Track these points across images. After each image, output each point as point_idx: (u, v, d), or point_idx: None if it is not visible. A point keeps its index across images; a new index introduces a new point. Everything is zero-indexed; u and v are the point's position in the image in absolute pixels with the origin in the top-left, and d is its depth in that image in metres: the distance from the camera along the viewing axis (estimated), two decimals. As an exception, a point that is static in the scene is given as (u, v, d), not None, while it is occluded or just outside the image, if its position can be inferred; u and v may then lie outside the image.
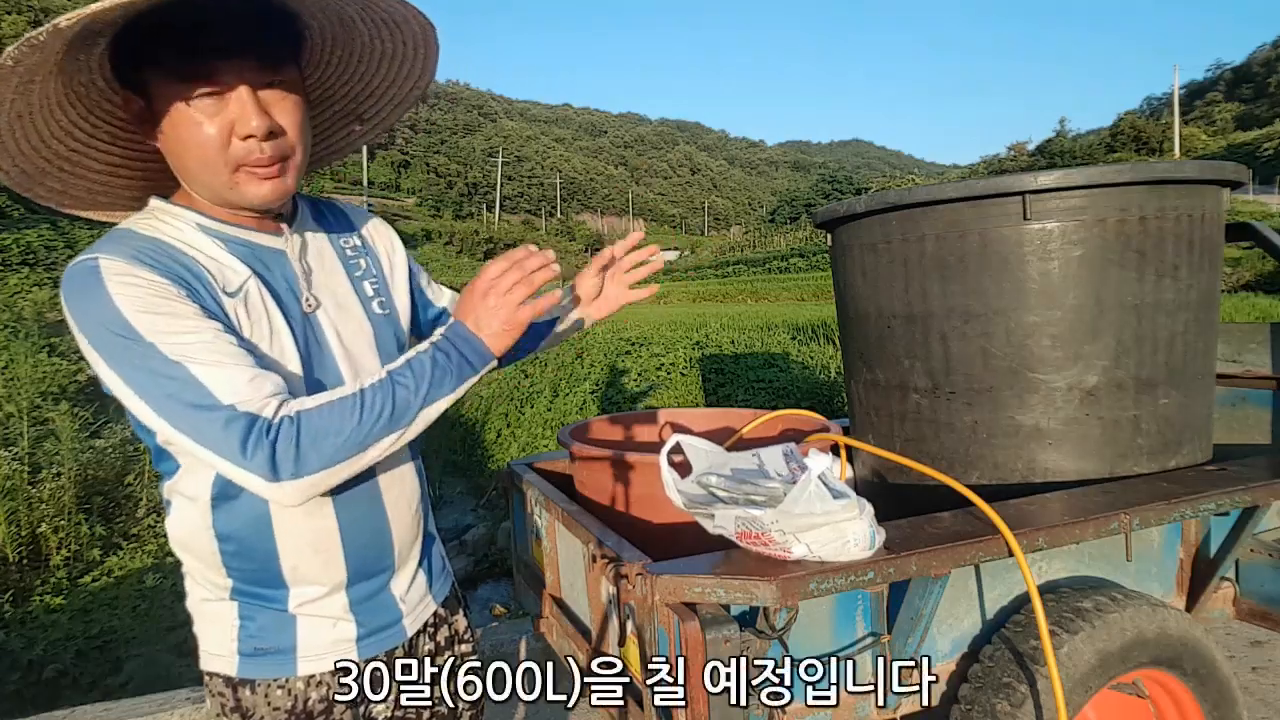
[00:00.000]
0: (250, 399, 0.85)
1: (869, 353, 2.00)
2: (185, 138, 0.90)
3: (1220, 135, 71.06)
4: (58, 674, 2.88)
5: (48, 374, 7.16)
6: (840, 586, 1.21)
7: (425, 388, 0.92)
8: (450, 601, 1.28)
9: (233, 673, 1.02)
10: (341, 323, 1.06)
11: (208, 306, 0.90)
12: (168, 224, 0.96)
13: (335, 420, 0.87)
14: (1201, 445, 1.82)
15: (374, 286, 1.14)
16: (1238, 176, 1.78)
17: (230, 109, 0.89)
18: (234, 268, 0.96)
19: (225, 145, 0.90)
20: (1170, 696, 1.64)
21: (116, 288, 0.85)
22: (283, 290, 1.01)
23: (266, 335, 0.96)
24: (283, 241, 1.04)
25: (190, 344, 0.86)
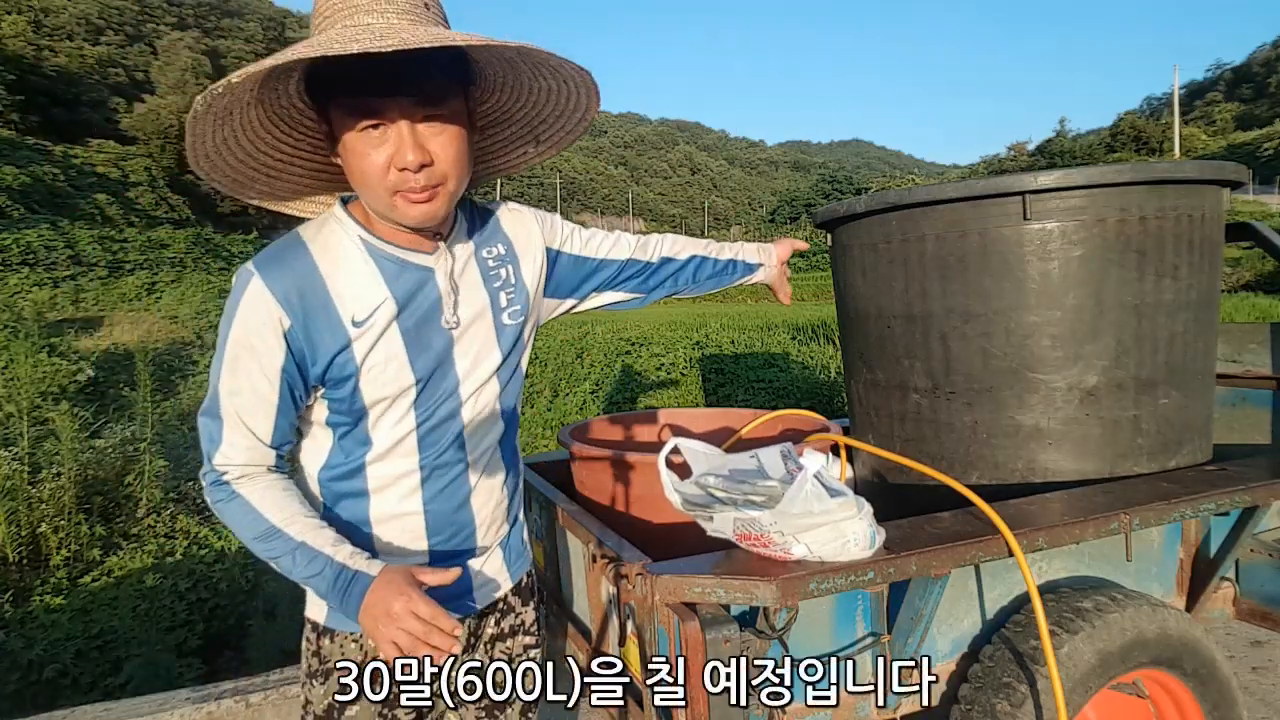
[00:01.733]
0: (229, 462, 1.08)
1: (869, 353, 2.00)
2: (354, 163, 1.03)
3: (1220, 135, 71.05)
4: (58, 674, 2.88)
5: (48, 374, 7.16)
6: (840, 586, 1.21)
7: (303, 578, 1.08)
8: (523, 591, 1.35)
9: (321, 620, 1.20)
10: (473, 338, 1.19)
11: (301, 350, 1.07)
12: (335, 234, 1.11)
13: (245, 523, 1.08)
14: (1201, 445, 1.82)
15: (509, 296, 1.24)
16: (1238, 176, 1.78)
17: (391, 142, 1.00)
18: (373, 291, 1.10)
19: (385, 173, 1.02)
20: (1170, 696, 1.64)
21: (240, 315, 1.05)
22: (421, 308, 1.13)
23: (383, 358, 1.10)
24: (433, 259, 1.15)
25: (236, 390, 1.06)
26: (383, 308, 1.10)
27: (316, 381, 1.10)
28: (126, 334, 11.68)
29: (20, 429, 4.64)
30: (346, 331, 1.08)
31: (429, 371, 1.14)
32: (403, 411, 1.14)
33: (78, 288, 16.45)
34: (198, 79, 55.84)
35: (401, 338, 1.11)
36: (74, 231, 22.03)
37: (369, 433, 1.13)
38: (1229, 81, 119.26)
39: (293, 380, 1.08)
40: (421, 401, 1.14)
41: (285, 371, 1.06)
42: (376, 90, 0.98)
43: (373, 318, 1.09)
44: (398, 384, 1.12)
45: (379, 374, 1.10)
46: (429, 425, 1.16)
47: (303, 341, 1.06)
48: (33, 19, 58.61)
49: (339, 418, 1.13)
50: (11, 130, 40.14)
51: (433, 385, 1.15)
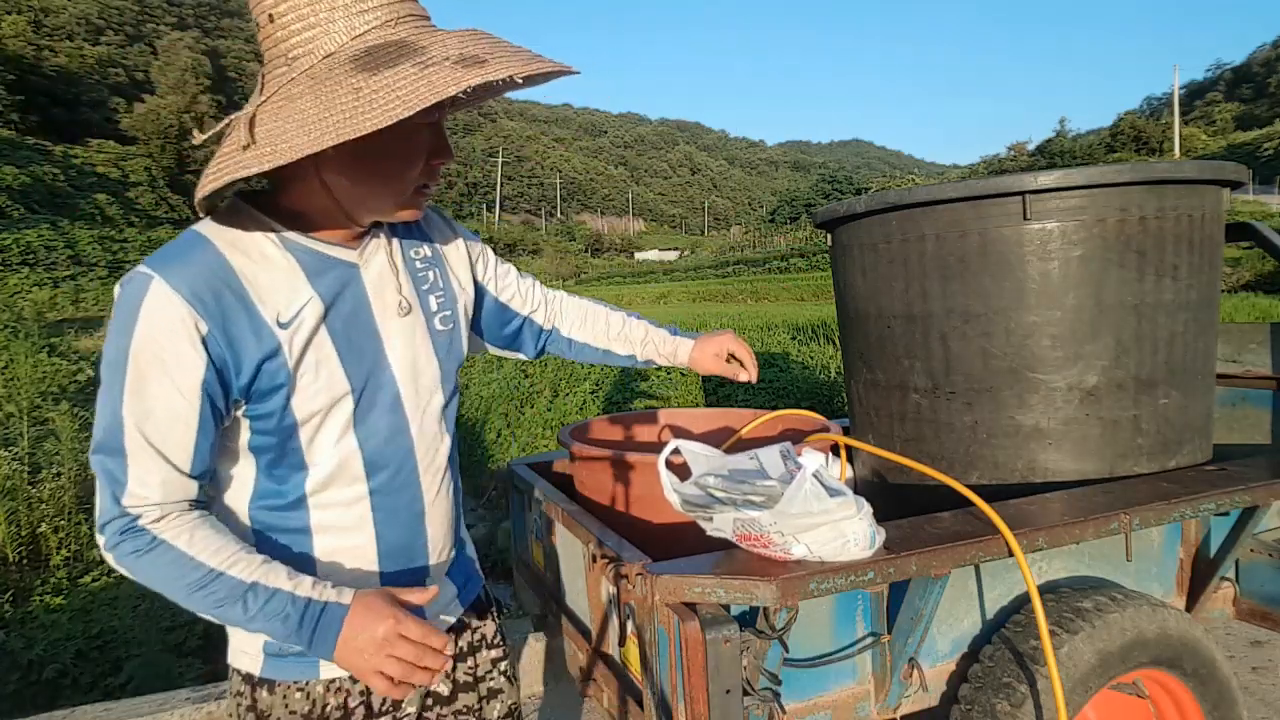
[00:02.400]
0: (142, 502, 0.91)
1: (869, 353, 2.00)
2: (395, 157, 0.96)
3: (1220, 135, 71.07)
4: (58, 674, 2.88)
5: (48, 374, 7.15)
6: (840, 586, 1.21)
7: (259, 624, 0.92)
8: (479, 605, 1.27)
9: (256, 671, 1.04)
10: (404, 339, 1.08)
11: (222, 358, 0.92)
12: (242, 228, 0.98)
13: (173, 574, 0.91)
14: (1201, 445, 1.82)
15: (439, 300, 1.15)
16: (1238, 176, 1.78)
17: (432, 139, 0.98)
18: (296, 289, 0.98)
19: (418, 170, 0.98)
20: (1170, 696, 1.64)
21: (142, 321, 0.89)
22: (347, 308, 1.03)
23: (314, 363, 0.98)
24: (357, 255, 1.05)
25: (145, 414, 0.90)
26: (308, 306, 0.98)
27: (240, 395, 0.95)
28: (126, 334, 11.66)
29: (20, 429, 4.64)
30: (273, 333, 0.95)
31: (364, 379, 1.03)
32: (341, 428, 1.01)
33: (78, 288, 16.46)
34: (198, 79, 55.85)
35: (331, 340, 1.00)
36: (74, 231, 22.04)
37: (304, 456, 1.00)
38: (1229, 81, 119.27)
39: (214, 394, 0.92)
40: (361, 415, 1.03)
41: (205, 384, 0.91)
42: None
43: (299, 317, 0.97)
44: (330, 393, 0.99)
45: (310, 382, 0.98)
46: (375, 443, 1.05)
47: (224, 347, 0.92)
48: (33, 19, 58.61)
49: (264, 439, 0.99)
50: (11, 130, 40.13)
51: (369, 395, 1.04)
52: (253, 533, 1.03)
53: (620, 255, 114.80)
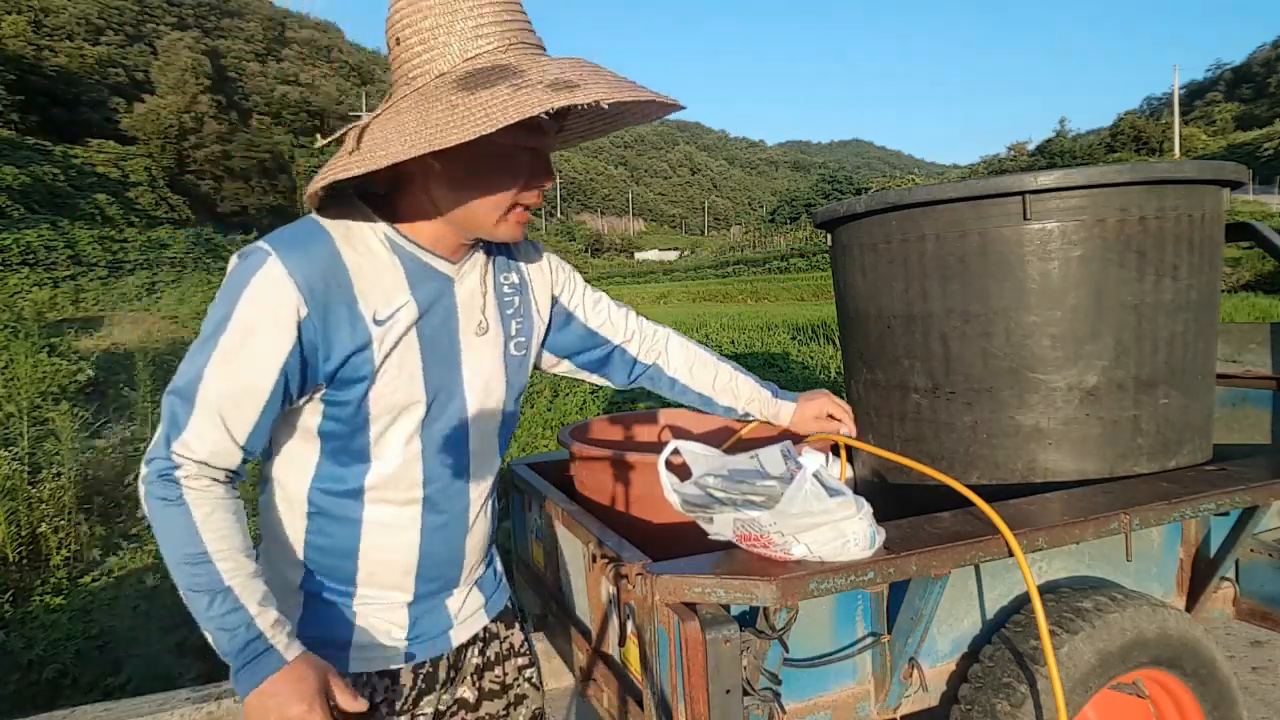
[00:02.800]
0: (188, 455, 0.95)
1: (869, 353, 2.00)
2: (490, 180, 1.00)
3: (1220, 135, 71.06)
4: (58, 674, 2.88)
5: (48, 374, 7.15)
6: (840, 586, 1.21)
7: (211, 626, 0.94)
8: (506, 615, 1.32)
9: None
10: (482, 360, 1.15)
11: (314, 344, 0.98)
12: (357, 226, 1.04)
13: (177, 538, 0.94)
14: (1201, 445, 1.82)
15: (518, 326, 1.22)
16: (1238, 176, 1.78)
17: (535, 162, 1.02)
18: (396, 290, 1.04)
19: (517, 190, 1.02)
20: (1170, 696, 1.64)
21: (248, 296, 0.95)
22: (437, 319, 1.09)
23: (400, 363, 1.04)
24: (454, 269, 1.11)
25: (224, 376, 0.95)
26: (405, 309, 1.04)
27: (323, 380, 1.00)
28: (126, 334, 11.68)
29: (20, 429, 4.64)
30: (368, 328, 1.00)
31: (438, 389, 1.08)
32: (409, 431, 1.06)
33: (78, 288, 16.46)
34: (198, 79, 55.86)
35: (419, 345, 1.06)
36: (74, 231, 22.04)
37: (369, 450, 1.05)
38: (1229, 81, 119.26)
39: (291, 375, 0.97)
40: (429, 422, 1.08)
41: (287, 364, 0.96)
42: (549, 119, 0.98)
43: (394, 317, 1.03)
44: (408, 395, 1.05)
45: (392, 380, 1.03)
46: (435, 449, 1.10)
47: (317, 334, 0.97)
48: (33, 19, 58.61)
49: (336, 425, 1.04)
50: (11, 130, 40.15)
51: (440, 404, 1.09)
52: (306, 515, 1.07)
53: (620, 255, 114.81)
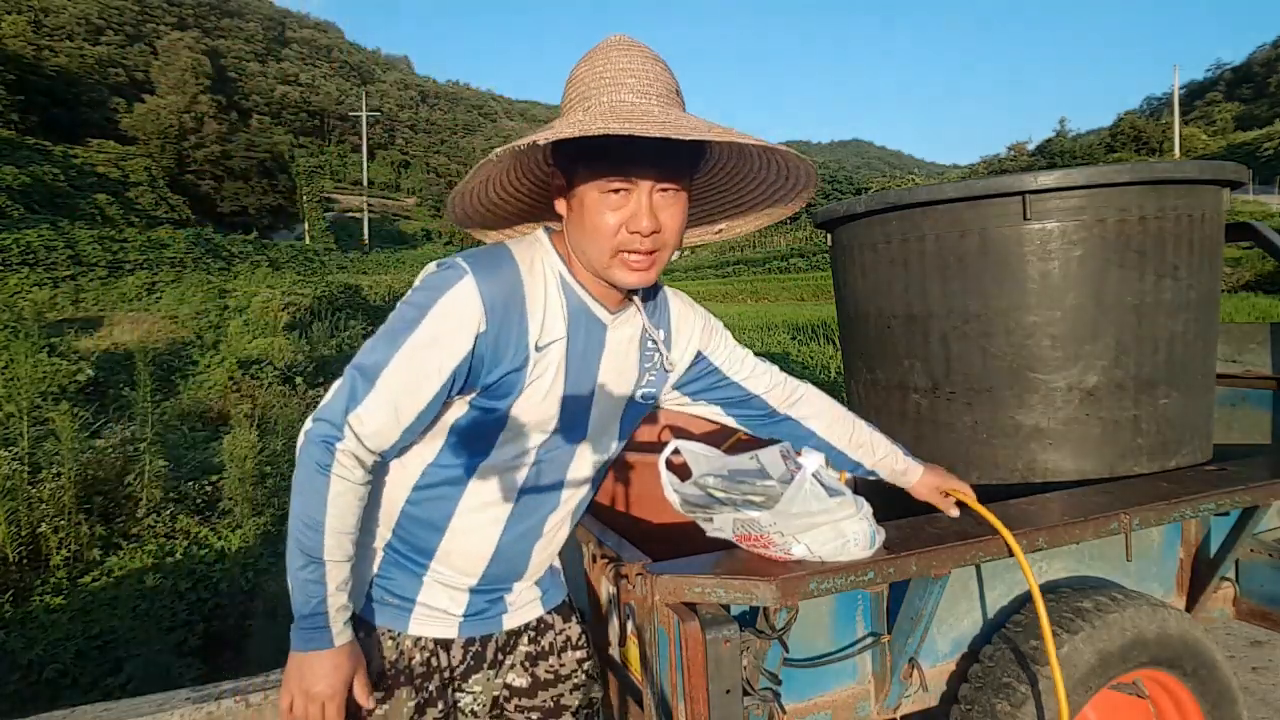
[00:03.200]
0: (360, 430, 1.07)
1: (869, 353, 2.00)
2: (590, 219, 1.10)
3: (1220, 135, 71.02)
4: (58, 674, 2.88)
5: (48, 374, 7.15)
6: (840, 586, 1.21)
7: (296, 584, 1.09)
8: (563, 609, 1.40)
9: (358, 612, 1.21)
10: (609, 404, 1.26)
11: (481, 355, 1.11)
12: (539, 260, 1.17)
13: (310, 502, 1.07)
14: (1201, 445, 1.82)
15: (651, 378, 1.31)
16: (1238, 176, 1.78)
17: (630, 206, 1.09)
18: (557, 323, 1.16)
19: (615, 233, 1.10)
20: (1170, 696, 1.64)
21: (443, 303, 1.08)
22: (583, 357, 1.20)
23: (544, 388, 1.16)
24: (610, 318, 1.22)
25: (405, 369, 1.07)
26: (558, 343, 1.16)
27: (481, 387, 1.13)
28: (126, 334, 11.68)
29: (20, 429, 4.64)
30: (529, 351, 1.13)
31: (568, 419, 1.20)
32: (530, 446, 1.19)
33: (78, 288, 16.45)
34: (198, 79, 55.86)
35: (563, 377, 1.17)
36: (74, 231, 22.03)
37: (489, 450, 1.18)
38: (1229, 81, 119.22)
39: (457, 378, 1.10)
40: (549, 444, 1.21)
41: (457, 370, 1.09)
42: (632, 161, 1.06)
43: (550, 347, 1.15)
44: (544, 416, 1.17)
45: (536, 402, 1.16)
46: (541, 468, 1.22)
47: (489, 349, 1.10)
48: (33, 19, 58.60)
49: (471, 424, 1.16)
50: (11, 130, 40.15)
51: (563, 430, 1.21)
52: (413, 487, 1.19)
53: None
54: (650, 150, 1.04)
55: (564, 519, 1.31)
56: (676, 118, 1.04)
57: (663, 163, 1.08)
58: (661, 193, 1.10)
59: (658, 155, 1.06)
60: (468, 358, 1.09)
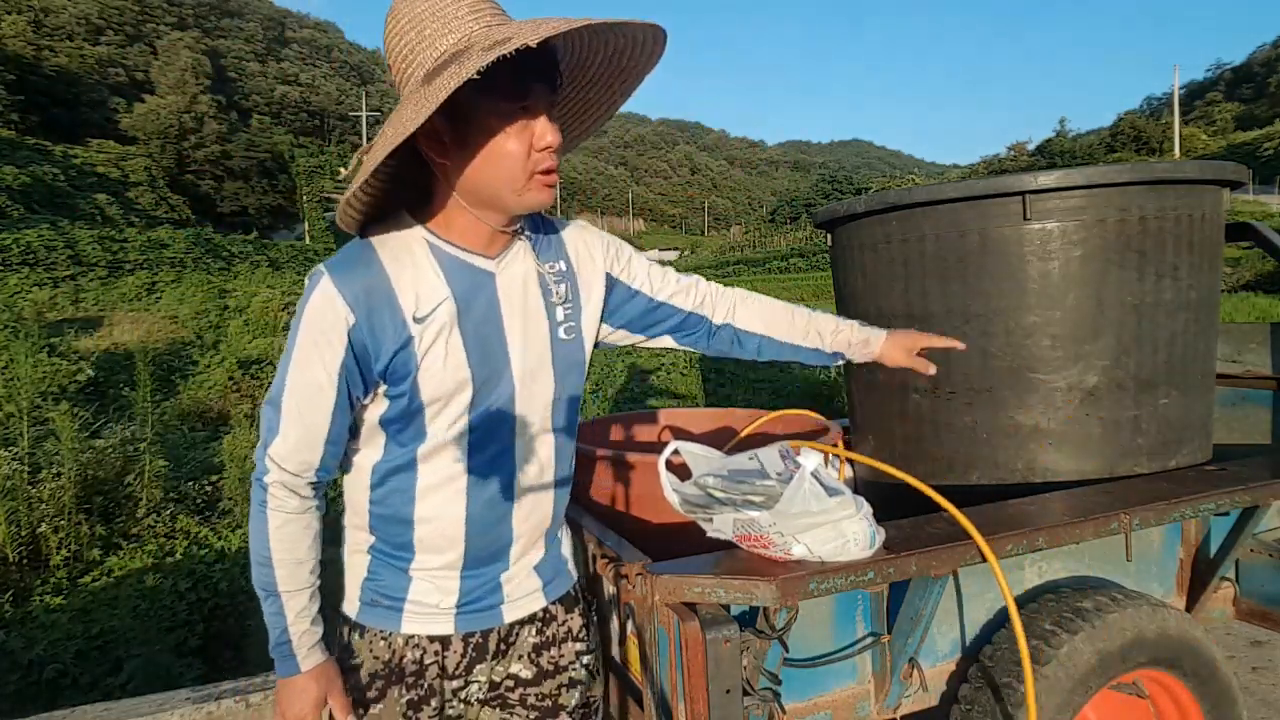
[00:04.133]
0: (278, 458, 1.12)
1: (869, 353, 2.00)
2: (496, 149, 1.06)
3: (1220, 135, 71.01)
4: (58, 674, 2.88)
5: (48, 374, 7.15)
6: (840, 586, 1.21)
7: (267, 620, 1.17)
8: (567, 600, 1.35)
9: (353, 615, 1.24)
10: (527, 345, 1.21)
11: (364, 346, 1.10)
12: (401, 236, 1.15)
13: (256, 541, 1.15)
14: (1201, 445, 1.82)
15: (566, 312, 1.26)
16: (1238, 176, 1.78)
17: (534, 125, 1.07)
18: (435, 288, 1.13)
19: (528, 155, 1.07)
20: (1170, 696, 1.64)
21: (308, 312, 1.10)
22: (479, 310, 1.17)
23: (441, 354, 1.13)
24: (494, 264, 1.19)
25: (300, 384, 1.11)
26: (444, 305, 1.13)
27: (378, 378, 1.13)
28: (126, 334, 11.67)
29: (20, 429, 4.64)
30: (408, 327, 1.11)
31: (485, 374, 1.17)
32: (458, 411, 1.16)
33: (78, 288, 16.45)
34: (198, 79, 55.88)
35: (461, 337, 1.14)
36: (74, 231, 22.02)
37: (425, 429, 1.16)
38: (1229, 81, 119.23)
39: (351, 378, 1.11)
40: (476, 404, 1.17)
41: (345, 368, 1.10)
42: (529, 79, 1.04)
43: (434, 314, 1.12)
44: (455, 380, 1.14)
45: (437, 370, 1.13)
46: (481, 430, 1.18)
47: (366, 338, 1.10)
48: (33, 19, 58.62)
49: (396, 414, 1.16)
50: (11, 130, 40.13)
51: (487, 388, 1.17)
52: (370, 488, 1.20)
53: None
54: (540, 64, 1.04)
55: (532, 476, 1.25)
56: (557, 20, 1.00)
57: (551, 74, 1.07)
58: (551, 105, 1.09)
59: (547, 67, 1.05)
60: (349, 356, 1.10)
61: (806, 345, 1.50)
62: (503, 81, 1.02)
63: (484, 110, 1.05)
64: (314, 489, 1.17)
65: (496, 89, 1.02)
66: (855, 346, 1.50)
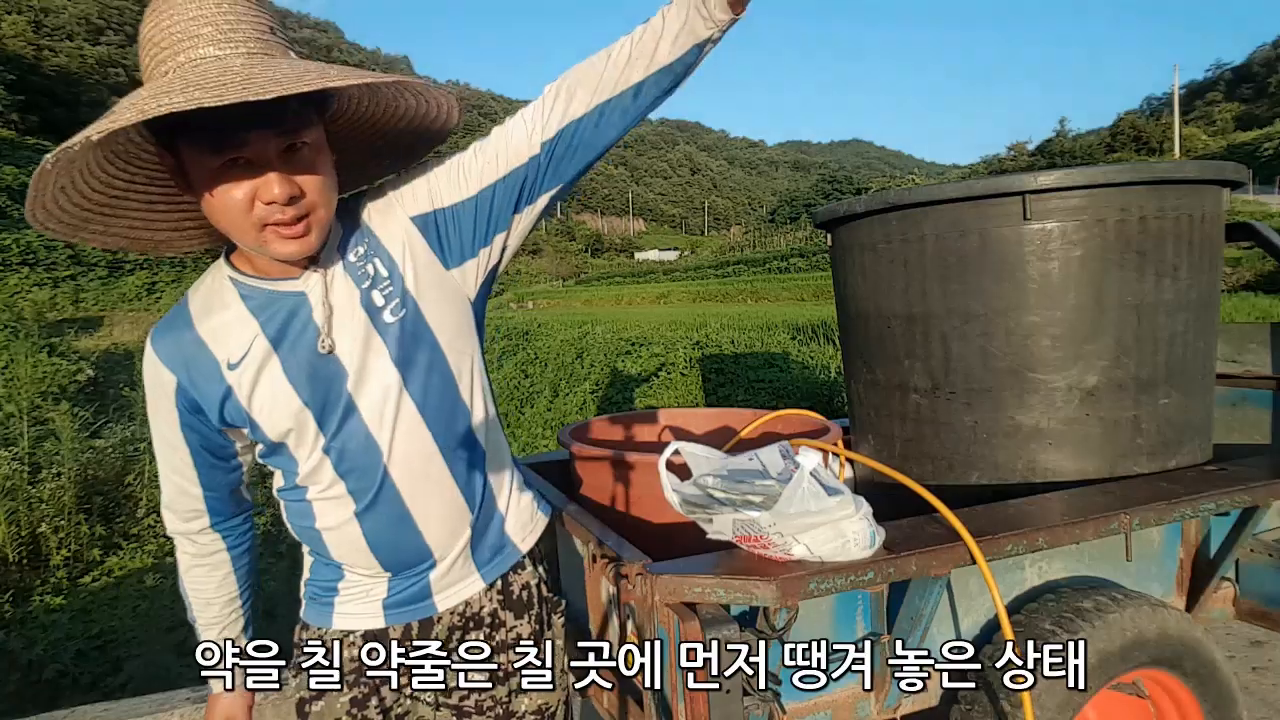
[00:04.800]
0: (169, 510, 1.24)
1: (869, 353, 2.00)
2: (214, 200, 0.95)
3: (1220, 135, 70.98)
4: (58, 674, 2.88)
5: (48, 374, 7.16)
6: (840, 586, 1.21)
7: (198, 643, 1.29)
8: (517, 606, 1.26)
9: (300, 614, 1.27)
10: (354, 350, 1.08)
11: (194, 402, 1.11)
12: (212, 282, 1.11)
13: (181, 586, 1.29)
14: (1201, 445, 1.82)
15: (384, 292, 1.10)
16: (1238, 176, 1.78)
17: (253, 175, 0.94)
18: (245, 331, 1.07)
19: (249, 208, 0.95)
20: (1170, 696, 1.64)
21: (145, 378, 1.14)
22: (294, 336, 1.07)
23: (268, 393, 1.08)
24: (302, 283, 1.07)
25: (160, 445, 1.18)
26: (255, 343, 1.07)
27: (221, 425, 1.13)
28: (126, 334, 11.67)
29: (20, 429, 4.64)
30: (223, 377, 1.08)
31: (321, 397, 1.08)
32: (311, 440, 1.10)
33: (78, 288, 16.45)
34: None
35: (283, 369, 1.07)
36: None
37: (292, 457, 1.14)
38: (1229, 81, 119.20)
39: (197, 431, 1.13)
40: (326, 428, 1.09)
41: (184, 425, 1.13)
42: (236, 125, 0.90)
43: (247, 356, 1.07)
44: (290, 414, 1.08)
45: (270, 409, 1.08)
46: (338, 451, 1.10)
47: (193, 394, 1.10)
48: (33, 19, 58.62)
49: (263, 451, 1.17)
50: (11, 130, 40.10)
51: (330, 410, 1.09)
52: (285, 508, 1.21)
53: (620, 255, 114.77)
54: (256, 109, 0.87)
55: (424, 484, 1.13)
56: (264, 68, 0.88)
57: (276, 119, 0.91)
58: (289, 151, 0.95)
59: (266, 114, 0.89)
60: (183, 414, 1.11)
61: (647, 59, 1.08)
62: (206, 132, 0.90)
63: (190, 155, 0.93)
64: (214, 533, 1.23)
65: (198, 136, 0.91)
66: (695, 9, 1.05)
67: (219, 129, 0.90)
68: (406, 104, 1.09)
